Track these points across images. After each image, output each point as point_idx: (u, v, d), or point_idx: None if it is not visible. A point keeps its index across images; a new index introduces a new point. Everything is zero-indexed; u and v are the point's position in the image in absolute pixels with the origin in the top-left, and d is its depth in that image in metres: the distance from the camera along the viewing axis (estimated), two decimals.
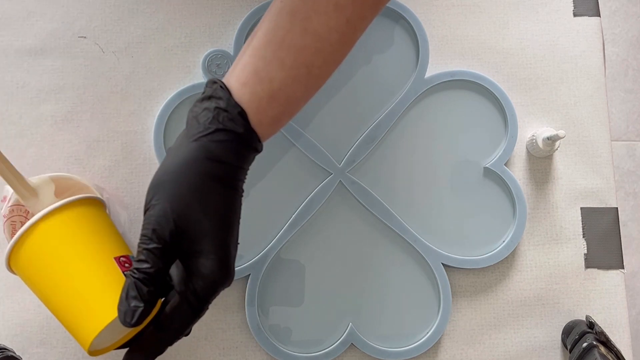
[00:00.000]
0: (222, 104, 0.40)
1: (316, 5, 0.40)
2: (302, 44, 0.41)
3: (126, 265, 0.42)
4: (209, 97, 0.41)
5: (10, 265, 0.43)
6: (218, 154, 0.39)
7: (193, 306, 0.39)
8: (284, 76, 0.41)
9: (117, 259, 0.42)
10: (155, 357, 0.41)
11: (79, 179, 0.51)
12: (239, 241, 0.41)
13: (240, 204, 0.41)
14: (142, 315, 0.38)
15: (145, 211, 0.39)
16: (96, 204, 0.45)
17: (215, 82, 0.41)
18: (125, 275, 0.41)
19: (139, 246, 0.39)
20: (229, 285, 0.40)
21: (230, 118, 0.40)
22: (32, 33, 0.58)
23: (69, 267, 0.41)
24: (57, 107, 0.57)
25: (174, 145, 0.41)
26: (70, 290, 0.41)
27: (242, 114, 0.40)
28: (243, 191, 0.41)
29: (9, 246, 0.42)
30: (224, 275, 0.39)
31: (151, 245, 0.38)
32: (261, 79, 0.41)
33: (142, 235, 0.39)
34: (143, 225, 0.39)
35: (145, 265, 0.38)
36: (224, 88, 0.41)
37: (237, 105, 0.40)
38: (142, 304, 0.38)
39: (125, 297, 0.38)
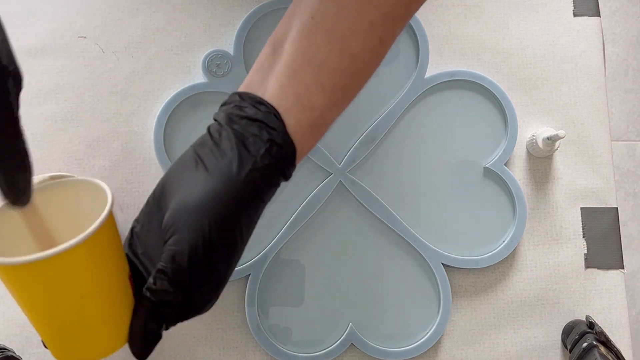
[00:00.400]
0: (276, 137, 0.36)
1: (352, 24, 0.38)
2: (339, 66, 0.38)
3: (131, 281, 0.39)
4: (256, 120, 0.37)
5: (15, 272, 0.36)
6: (264, 193, 0.37)
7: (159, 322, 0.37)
8: (324, 103, 0.38)
9: (130, 279, 0.38)
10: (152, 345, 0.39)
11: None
12: None
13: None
14: (155, 341, 0.37)
15: (170, 233, 0.35)
16: (112, 218, 0.38)
17: (262, 103, 0.37)
18: (137, 300, 0.37)
19: (164, 273, 0.35)
20: (198, 315, 0.38)
21: (283, 156, 0.37)
22: (32, 33, 0.58)
23: (92, 292, 0.35)
24: (57, 107, 0.57)
25: (213, 167, 0.36)
26: (88, 313, 0.36)
27: (294, 151, 0.37)
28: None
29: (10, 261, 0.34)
30: (209, 307, 0.38)
31: (182, 276, 0.35)
32: (304, 106, 0.37)
33: (172, 262, 0.35)
34: (169, 249, 0.35)
35: (172, 297, 0.35)
36: (278, 117, 0.37)
37: (292, 143, 0.37)
38: (159, 338, 0.37)
39: (144, 327, 0.36)
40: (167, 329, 0.38)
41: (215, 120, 0.39)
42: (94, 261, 0.35)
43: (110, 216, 0.37)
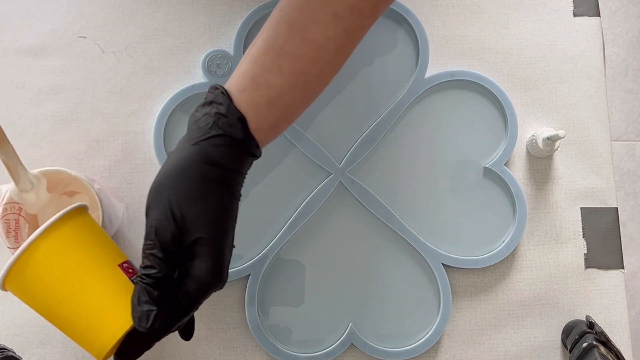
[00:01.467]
0: (222, 109, 0.40)
1: (315, 14, 0.41)
2: (300, 52, 0.41)
3: (130, 270, 0.42)
4: (210, 103, 0.41)
5: (4, 286, 0.41)
6: (216, 158, 0.40)
7: (183, 306, 0.39)
8: (282, 83, 0.41)
9: (121, 266, 0.42)
10: (143, 353, 0.41)
11: (69, 172, 0.51)
12: (235, 244, 0.42)
13: (237, 208, 0.41)
14: (156, 318, 0.38)
15: (147, 214, 0.39)
16: (84, 211, 0.44)
17: (217, 88, 0.42)
18: (133, 281, 0.41)
19: (143, 251, 0.39)
20: (221, 288, 0.40)
21: (229, 123, 0.40)
22: (32, 33, 0.58)
23: (77, 280, 0.40)
24: (57, 107, 0.57)
25: (175, 149, 0.41)
26: (80, 302, 0.40)
27: (242, 119, 0.41)
28: (240, 195, 0.42)
29: (4, 269, 0.40)
30: (217, 278, 0.39)
31: (155, 250, 0.38)
32: (259, 85, 0.41)
33: (146, 239, 0.39)
34: (146, 229, 0.39)
35: (153, 271, 0.38)
36: (225, 94, 0.41)
37: (236, 111, 0.41)
38: (155, 307, 0.38)
39: (137, 303, 0.38)
40: (188, 311, 0.40)
41: None
42: (64, 250, 0.40)
43: (81, 215, 0.43)
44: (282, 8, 0.42)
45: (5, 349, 0.50)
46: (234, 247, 0.41)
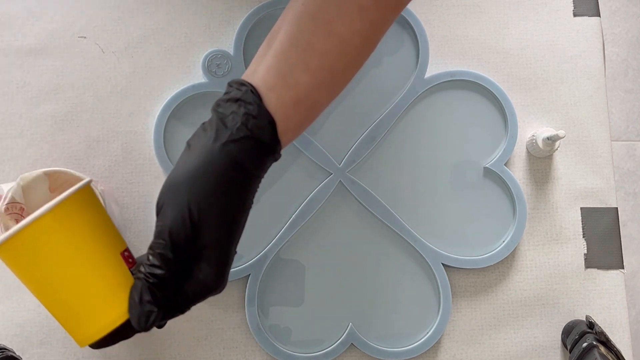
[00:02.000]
0: (252, 110, 0.38)
1: (340, 8, 0.39)
2: (326, 47, 0.40)
3: (130, 260, 0.41)
4: (237, 100, 0.39)
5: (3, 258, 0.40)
6: (242, 162, 0.38)
7: (179, 307, 0.39)
8: (309, 80, 0.40)
9: (123, 255, 0.40)
10: (115, 343, 0.40)
11: (73, 172, 0.51)
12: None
13: (248, 215, 0.40)
14: (155, 319, 0.37)
15: (159, 210, 0.38)
16: (91, 194, 0.42)
17: (243, 84, 0.39)
18: (134, 275, 0.40)
19: (152, 249, 0.38)
20: (219, 292, 0.39)
21: (259, 126, 0.38)
22: (32, 33, 0.58)
23: (77, 263, 0.39)
24: (57, 107, 0.57)
25: (195, 145, 0.39)
26: (75, 286, 0.39)
27: (272, 122, 0.39)
28: (253, 202, 0.40)
29: (3, 237, 0.38)
30: (218, 283, 0.39)
31: (165, 250, 0.37)
32: (287, 83, 0.39)
33: (157, 238, 0.37)
34: (158, 227, 0.38)
35: (160, 271, 0.37)
36: (255, 93, 0.39)
37: (267, 113, 0.39)
38: (156, 309, 0.37)
39: (138, 301, 0.37)
40: (180, 308, 0.39)
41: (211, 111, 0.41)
42: (65, 232, 0.38)
43: (88, 195, 0.41)
44: (305, 2, 0.40)
45: (5, 349, 0.50)
46: (236, 252, 0.41)
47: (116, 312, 0.39)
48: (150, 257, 0.38)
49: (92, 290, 0.39)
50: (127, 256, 0.41)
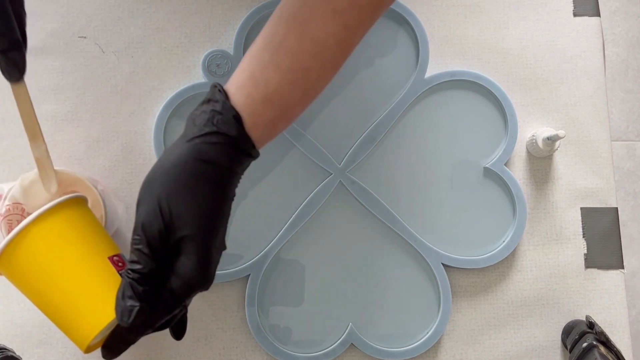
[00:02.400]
0: (217, 106, 0.40)
1: (314, 10, 0.40)
2: (299, 48, 0.41)
3: (119, 264, 0.42)
4: (208, 101, 0.41)
5: None
6: (209, 155, 0.39)
7: (167, 304, 0.39)
8: (280, 80, 0.41)
9: (111, 259, 0.42)
10: (125, 349, 0.42)
11: (72, 173, 0.51)
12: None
13: (229, 208, 0.41)
14: (139, 314, 0.38)
15: (137, 208, 0.40)
16: (81, 202, 0.45)
17: (215, 86, 0.42)
18: (120, 275, 0.41)
19: (131, 246, 0.39)
20: (206, 289, 0.40)
21: (224, 121, 0.40)
22: (32, 33, 0.58)
23: (65, 269, 0.41)
24: (57, 107, 0.57)
25: (170, 146, 0.41)
26: (67, 291, 0.41)
27: (237, 117, 0.40)
28: (234, 195, 0.41)
29: None
30: (202, 277, 0.39)
31: (141, 246, 0.38)
32: (257, 82, 0.41)
33: (134, 234, 0.39)
34: (135, 223, 0.39)
35: (138, 267, 0.38)
36: (222, 91, 0.41)
37: (231, 108, 0.40)
38: (138, 304, 0.38)
39: (121, 297, 0.39)
40: (170, 304, 0.39)
41: None
42: (52, 240, 0.41)
43: (78, 204, 0.44)
44: (282, 6, 0.42)
45: (5, 349, 0.50)
46: (225, 248, 0.41)
47: (105, 312, 0.40)
48: (130, 254, 0.39)
49: (81, 294, 0.41)
50: (116, 260, 0.42)
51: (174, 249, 0.39)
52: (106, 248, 0.43)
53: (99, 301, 0.40)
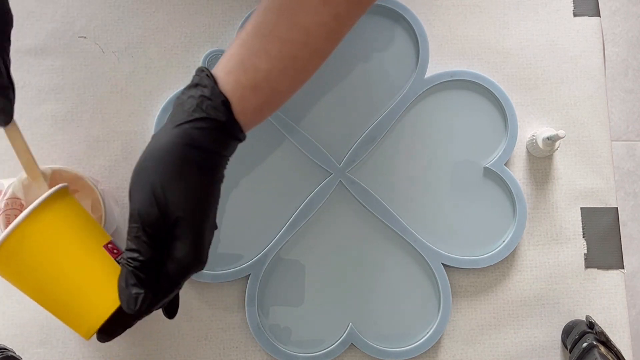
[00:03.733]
0: (206, 92, 0.40)
1: (304, 0, 0.41)
2: (289, 37, 0.41)
3: (114, 251, 0.43)
4: (195, 85, 0.41)
5: None
6: (198, 140, 0.40)
7: (164, 288, 0.40)
8: (269, 67, 0.41)
9: (106, 247, 0.43)
10: (124, 330, 0.43)
11: (75, 171, 0.51)
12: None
13: (219, 190, 0.42)
14: (144, 301, 0.39)
15: (130, 197, 0.40)
16: (68, 193, 0.45)
17: (202, 71, 0.42)
18: (119, 263, 0.42)
19: (128, 234, 0.39)
20: (201, 269, 0.41)
21: (213, 106, 0.40)
22: (32, 33, 0.58)
23: (62, 262, 0.41)
24: (57, 107, 0.57)
25: (158, 132, 0.41)
26: (66, 284, 0.41)
27: (226, 102, 0.40)
28: (223, 177, 0.42)
29: None
30: (197, 258, 0.40)
31: (140, 234, 0.39)
32: (246, 68, 0.41)
33: (131, 223, 0.39)
34: (130, 212, 0.39)
35: (138, 255, 0.39)
36: (210, 76, 0.41)
37: (221, 94, 0.40)
38: (142, 290, 0.39)
39: (124, 286, 0.39)
40: (168, 288, 0.40)
41: None
42: (50, 232, 0.41)
43: (64, 196, 0.43)
44: None
45: (5, 349, 0.50)
46: (216, 227, 0.42)
47: (109, 300, 0.40)
48: (128, 242, 0.39)
49: (83, 284, 0.41)
50: (110, 248, 0.43)
51: (169, 234, 0.40)
52: (99, 237, 0.43)
53: (102, 290, 0.41)
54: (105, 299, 0.41)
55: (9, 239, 0.40)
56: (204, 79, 0.41)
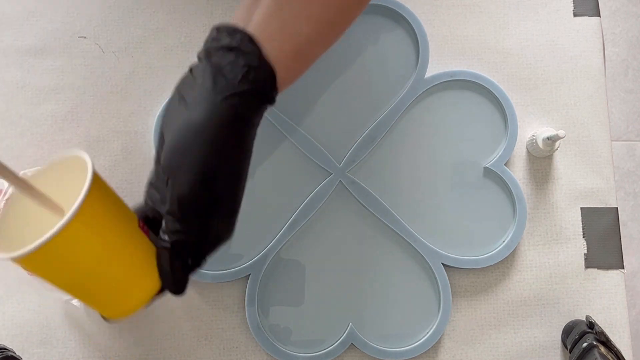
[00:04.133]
0: (253, 61, 0.36)
1: None
2: (327, 0, 0.39)
3: (145, 229, 0.40)
4: (232, 49, 0.37)
5: (26, 265, 0.37)
6: (247, 114, 0.37)
7: (195, 266, 0.39)
8: (309, 31, 0.39)
9: (141, 227, 0.40)
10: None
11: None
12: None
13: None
14: (187, 282, 0.38)
15: (173, 174, 0.36)
16: (98, 180, 0.39)
17: (236, 31, 0.37)
18: (157, 244, 0.39)
19: (172, 214, 0.37)
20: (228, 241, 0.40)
21: (262, 79, 0.37)
22: (32, 33, 0.58)
23: (107, 253, 0.37)
24: (57, 107, 0.57)
25: (193, 98, 0.37)
26: (111, 273, 0.38)
27: (273, 74, 0.37)
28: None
29: (26, 250, 0.35)
30: (229, 233, 0.39)
31: (188, 215, 0.36)
32: (289, 33, 0.38)
33: (176, 203, 0.36)
34: (175, 192, 0.36)
35: (185, 237, 0.37)
36: (253, 42, 0.37)
37: (267, 64, 0.37)
38: (188, 274, 0.38)
39: (170, 270, 0.37)
40: (199, 265, 0.39)
41: (198, 57, 0.40)
42: (93, 228, 0.36)
43: (96, 180, 0.37)
44: None
45: (5, 349, 0.50)
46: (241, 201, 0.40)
47: (151, 283, 0.38)
48: (172, 223, 0.37)
49: (127, 270, 0.38)
50: (142, 226, 0.40)
51: (208, 212, 0.37)
52: (132, 217, 0.40)
53: (143, 274, 0.39)
54: (148, 282, 0.38)
55: (54, 240, 0.35)
56: (246, 44, 0.37)
